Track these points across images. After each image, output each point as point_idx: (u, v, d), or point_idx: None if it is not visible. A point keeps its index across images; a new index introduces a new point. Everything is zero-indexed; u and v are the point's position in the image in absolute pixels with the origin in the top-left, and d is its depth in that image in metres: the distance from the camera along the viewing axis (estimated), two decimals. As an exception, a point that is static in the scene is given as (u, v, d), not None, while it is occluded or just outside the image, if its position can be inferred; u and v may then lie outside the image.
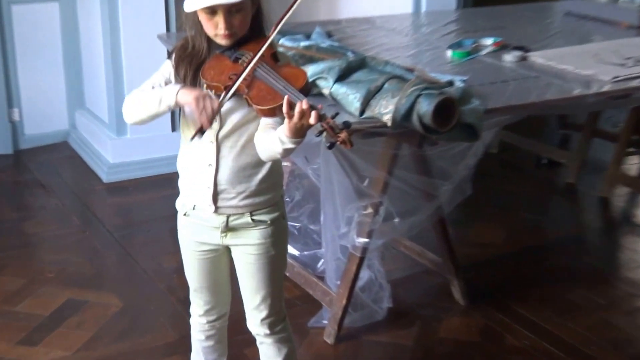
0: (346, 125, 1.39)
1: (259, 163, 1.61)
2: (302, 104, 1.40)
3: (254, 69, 1.48)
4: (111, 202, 3.27)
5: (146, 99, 1.52)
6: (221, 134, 1.58)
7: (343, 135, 1.38)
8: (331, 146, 1.40)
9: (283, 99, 1.42)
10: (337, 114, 1.43)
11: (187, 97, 1.47)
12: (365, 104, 2.03)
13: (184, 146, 1.65)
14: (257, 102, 1.46)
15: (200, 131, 1.48)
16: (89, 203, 3.22)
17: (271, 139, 1.50)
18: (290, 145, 1.47)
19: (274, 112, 1.46)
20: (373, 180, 2.25)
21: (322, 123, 1.40)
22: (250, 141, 1.57)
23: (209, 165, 1.61)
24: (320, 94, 2.13)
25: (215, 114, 1.46)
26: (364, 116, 2.05)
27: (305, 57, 2.20)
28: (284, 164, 2.66)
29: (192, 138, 1.48)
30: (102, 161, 3.47)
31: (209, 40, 1.54)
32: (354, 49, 2.39)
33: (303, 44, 2.30)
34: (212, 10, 1.48)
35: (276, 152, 1.51)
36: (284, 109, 1.40)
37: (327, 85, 2.11)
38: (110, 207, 3.22)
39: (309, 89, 1.48)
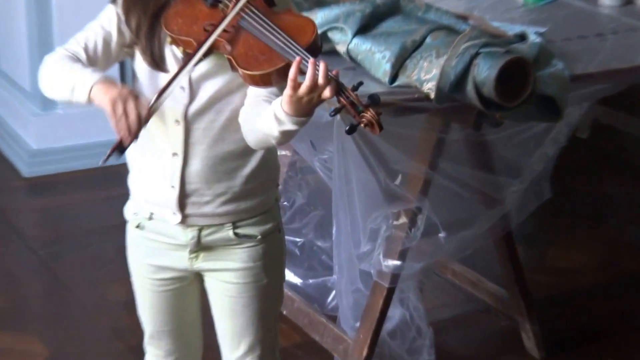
0: (374, 100, 1.41)
1: (246, 152, 1.64)
2: (314, 69, 1.40)
3: (240, 17, 1.49)
4: (34, 205, 3.27)
5: (59, 77, 1.55)
6: (192, 110, 1.60)
7: (369, 114, 1.39)
8: (351, 130, 1.42)
9: (282, 60, 1.44)
10: (360, 83, 1.43)
11: (101, 96, 1.49)
12: (399, 66, 2.03)
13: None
14: (246, 64, 1.48)
15: (118, 148, 1.48)
16: (3, 206, 3.22)
17: (264, 117, 1.51)
18: (290, 127, 1.48)
19: (268, 79, 1.47)
20: (409, 176, 2.27)
21: (340, 97, 1.41)
22: (233, 120, 1.60)
23: (174, 154, 1.63)
24: (333, 52, 2.12)
25: (142, 124, 1.46)
26: (396, 84, 2.05)
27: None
28: (281, 152, 2.66)
29: (105, 160, 1.48)
30: (21, 147, 3.46)
31: None
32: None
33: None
34: None
35: (271, 135, 1.52)
36: (291, 75, 1.41)
37: (343, 40, 2.10)
38: (33, 213, 3.23)
39: (319, 47, 1.48)
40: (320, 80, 1.39)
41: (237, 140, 1.61)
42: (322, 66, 1.39)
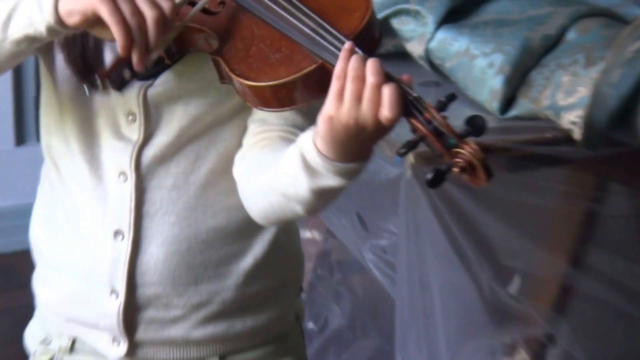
0: (476, 126, 1.42)
1: (245, 230, 1.69)
2: (366, 72, 1.40)
3: None
4: None
5: None
6: (148, 154, 1.66)
7: (468, 150, 1.40)
8: (437, 179, 1.41)
9: (312, 60, 1.48)
10: (452, 97, 1.44)
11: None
12: (518, 81, 2.07)
13: (50, 186, 1.73)
14: (247, 69, 1.51)
15: (122, 67, 1.55)
16: None
17: (282, 166, 1.54)
18: (331, 181, 1.49)
19: (287, 95, 1.50)
20: (534, 279, 2.30)
21: (414, 120, 1.42)
22: (222, 174, 1.66)
23: (117, 235, 1.67)
24: (400, 55, 2.15)
25: (167, 28, 1.48)
26: (512, 113, 2.09)
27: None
28: (306, 235, 2.66)
29: (102, 81, 1.55)
30: None
31: None
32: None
33: None
34: None
35: (295, 198, 1.54)
36: (333, 89, 1.42)
37: (418, 33, 2.14)
38: None
39: (375, 38, 1.52)
40: (372, 79, 1.38)
41: (230, 208, 1.66)
42: (371, 63, 1.39)
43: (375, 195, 2.19)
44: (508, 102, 2.07)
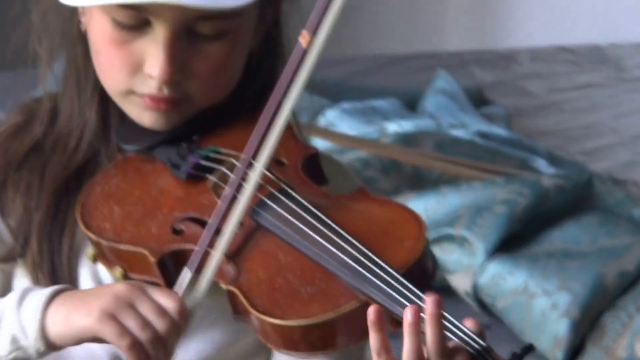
0: None
1: None
2: (432, 324, 1.41)
3: (257, 206, 1.57)
4: None
5: None
6: None
7: None
8: None
9: (352, 296, 1.49)
10: (529, 349, 1.45)
11: (80, 316, 1.51)
12: (588, 327, 2.07)
13: None
14: (270, 305, 1.52)
15: None
16: None
17: None
18: None
19: (323, 338, 1.50)
20: None
21: None
22: None
23: None
24: (442, 289, 2.13)
25: (180, 332, 1.53)
26: None
27: (396, 170, 2.37)
28: None
29: None
30: None
31: (105, 110, 1.67)
32: (551, 145, 2.59)
33: (394, 127, 2.37)
34: (138, 19, 1.58)
35: None
36: (375, 343, 1.43)
37: (465, 266, 2.17)
38: None
39: (430, 272, 1.56)
40: (433, 345, 1.39)
41: None
42: (430, 317, 1.40)
43: None
44: (575, 351, 2.05)
